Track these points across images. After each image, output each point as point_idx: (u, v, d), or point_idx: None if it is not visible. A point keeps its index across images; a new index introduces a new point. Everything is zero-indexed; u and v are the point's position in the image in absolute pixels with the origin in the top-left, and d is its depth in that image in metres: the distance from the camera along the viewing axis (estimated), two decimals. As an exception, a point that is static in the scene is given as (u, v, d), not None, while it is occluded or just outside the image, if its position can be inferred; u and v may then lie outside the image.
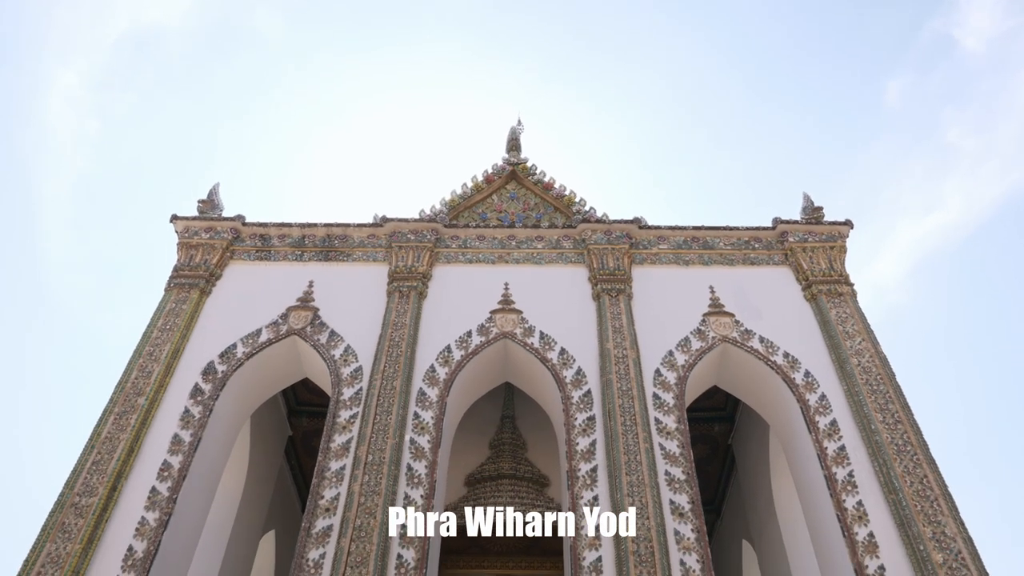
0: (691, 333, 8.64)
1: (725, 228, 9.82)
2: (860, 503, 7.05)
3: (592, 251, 9.48)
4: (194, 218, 9.92)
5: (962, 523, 6.81)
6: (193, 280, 9.25)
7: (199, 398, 8.09)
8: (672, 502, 7.09)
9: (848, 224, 9.67)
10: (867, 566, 6.60)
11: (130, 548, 6.84)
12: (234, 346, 8.60)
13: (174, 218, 9.93)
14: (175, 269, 9.46)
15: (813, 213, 9.88)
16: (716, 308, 8.91)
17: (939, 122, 29.70)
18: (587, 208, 10.21)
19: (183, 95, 30.64)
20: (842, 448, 7.50)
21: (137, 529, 6.97)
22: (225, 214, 10.11)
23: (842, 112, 31.45)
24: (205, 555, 8.87)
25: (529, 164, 11.00)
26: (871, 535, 6.81)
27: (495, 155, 24.55)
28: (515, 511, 9.16)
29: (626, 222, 9.76)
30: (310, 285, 9.26)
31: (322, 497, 7.19)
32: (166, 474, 7.42)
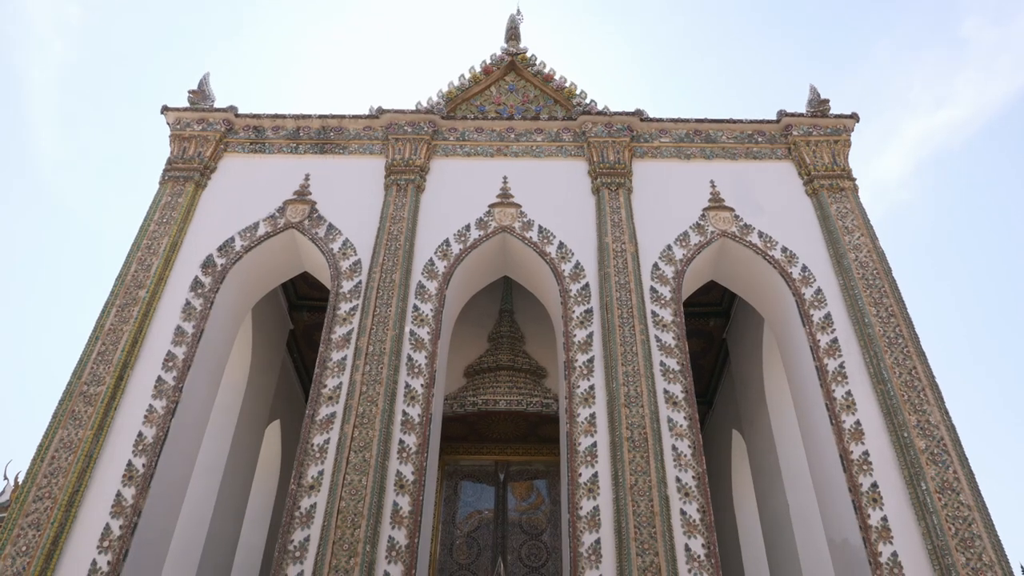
0: (690, 228, 8.62)
1: (728, 121, 9.61)
2: (849, 393, 7.23)
3: (592, 144, 9.32)
4: (186, 109, 9.69)
5: (946, 412, 7.01)
6: (187, 173, 9.14)
7: (199, 291, 8.14)
8: (666, 391, 7.28)
9: (854, 117, 9.47)
10: (852, 452, 6.85)
11: (140, 434, 7.05)
12: (232, 240, 8.59)
13: (165, 109, 9.71)
14: (169, 162, 9.33)
15: (819, 106, 9.64)
16: (716, 203, 8.85)
17: (954, 12, 28.63)
18: (588, 101, 9.96)
19: (167, -20, 29.36)
20: (834, 340, 7.63)
21: (146, 416, 7.17)
22: (217, 105, 9.88)
23: (852, 1, 30.28)
24: (213, 442, 9.18)
25: (529, 55, 10.65)
26: (858, 423, 7.03)
27: (494, 45, 23.73)
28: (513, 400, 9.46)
29: (627, 114, 9.54)
30: (306, 178, 9.15)
31: (325, 386, 7.36)
32: (171, 364, 7.56)
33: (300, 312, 11.62)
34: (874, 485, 6.61)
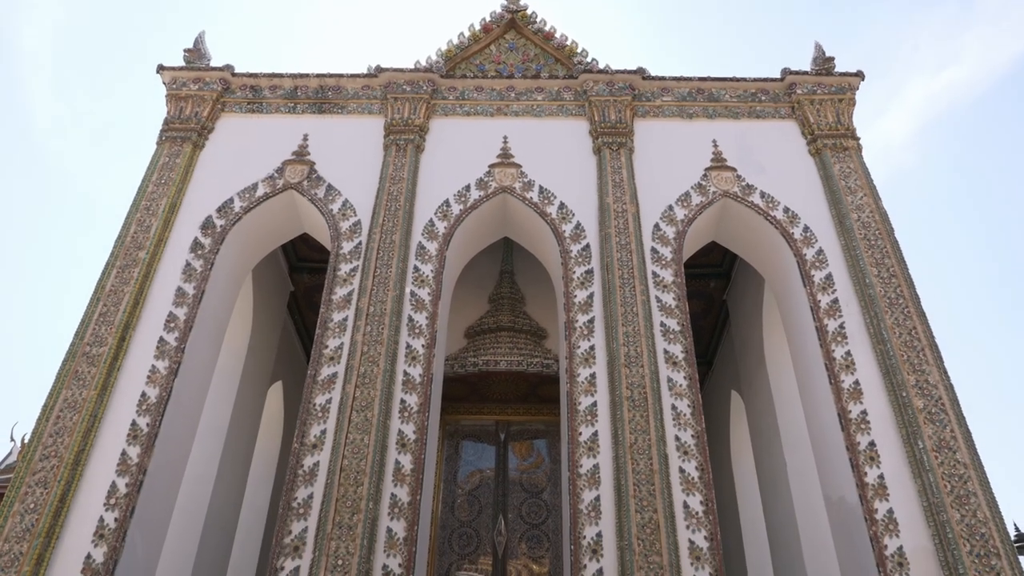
0: (692, 188, 8.57)
1: (732, 79, 9.48)
2: (848, 353, 7.26)
3: (593, 103, 9.21)
4: (182, 68, 9.57)
5: (945, 372, 7.04)
6: (185, 133, 9.05)
7: (199, 252, 8.13)
8: (666, 351, 7.31)
9: (859, 75, 9.34)
10: (850, 411, 6.90)
11: (143, 394, 7.10)
12: (231, 200, 8.55)
13: (160, 68, 9.58)
14: (166, 122, 9.24)
15: (824, 64, 9.50)
16: (718, 163, 8.78)
17: (963, -31, 28.08)
18: (589, 59, 9.81)
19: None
20: (835, 301, 7.64)
21: (149, 376, 7.21)
22: (214, 64, 9.74)
23: (861, -42, 29.67)
24: (216, 402, 9.26)
25: (529, 12, 10.46)
26: (856, 383, 7.06)
27: (493, 2, 23.32)
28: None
29: (629, 72, 9.41)
30: (305, 138, 9.07)
31: (326, 347, 7.39)
32: (172, 325, 7.58)
33: (300, 274, 11.62)
34: (871, 444, 6.68)
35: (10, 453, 13.44)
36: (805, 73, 9.41)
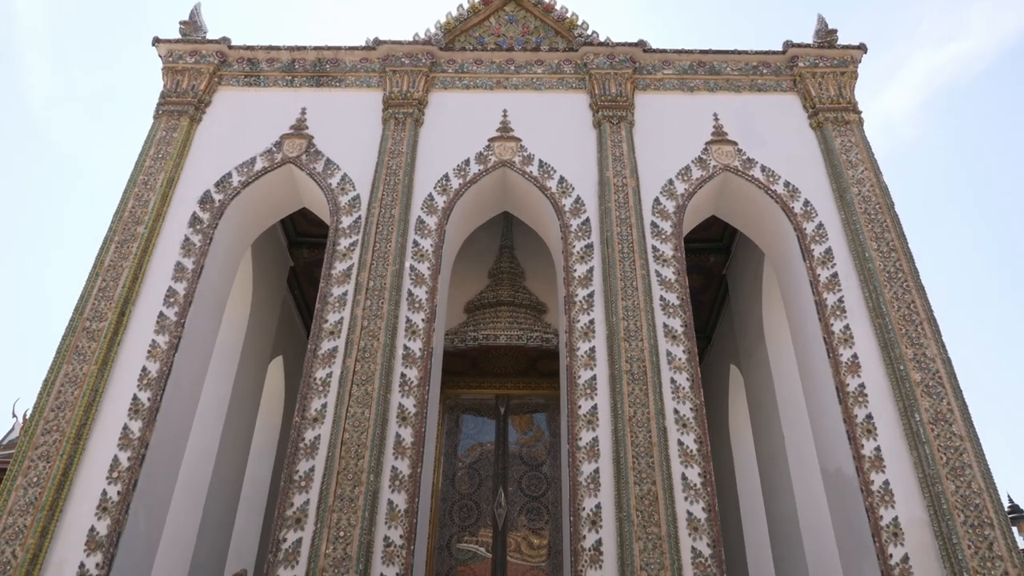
0: (692, 162, 8.53)
1: (733, 52, 9.40)
2: (847, 327, 7.28)
3: (594, 76, 9.14)
4: (177, 41, 9.47)
5: (943, 345, 7.07)
6: (182, 107, 8.99)
7: (198, 226, 8.11)
8: (666, 325, 7.32)
9: (862, 48, 9.26)
10: (848, 384, 6.94)
11: (144, 368, 7.13)
12: (229, 175, 8.51)
13: (156, 41, 9.49)
14: (162, 96, 9.16)
15: (826, 36, 9.42)
16: (719, 136, 8.73)
17: (969, -60, 27.69)
18: (589, 32, 9.71)
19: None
20: (834, 275, 7.64)
21: (149, 351, 7.23)
22: (210, 37, 9.64)
23: (865, -73, 29.26)
24: (217, 377, 9.29)
25: (529, -18, 10.33)
26: (855, 356, 7.09)
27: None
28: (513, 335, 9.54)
29: (630, 45, 9.33)
30: (303, 112, 9.00)
31: (326, 321, 7.41)
32: (172, 300, 7.58)
33: (300, 249, 11.61)
34: (869, 416, 6.72)
35: (12, 429, 13.52)
36: (807, 46, 9.33)
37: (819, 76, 9.13)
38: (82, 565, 6.06)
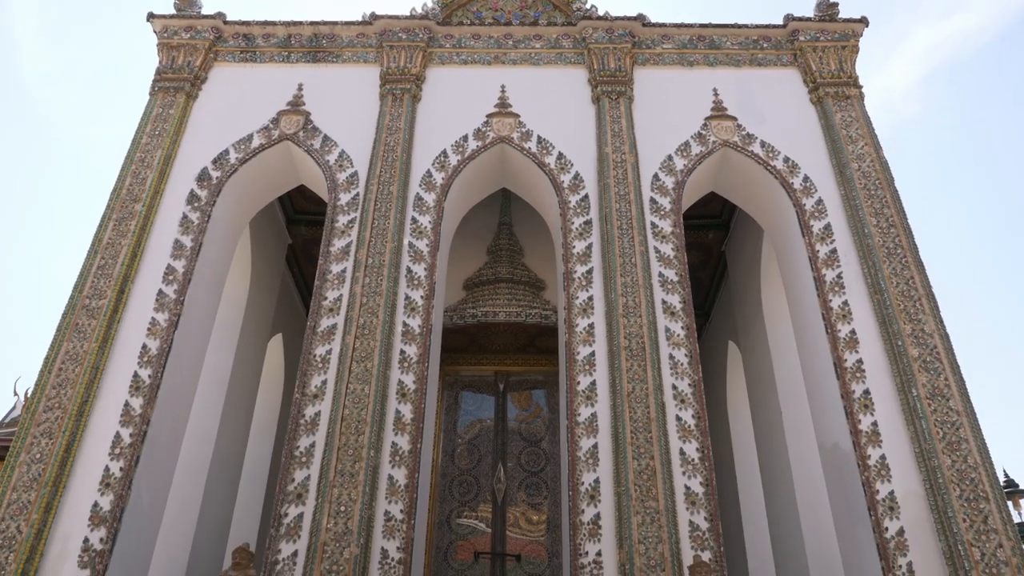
0: (691, 137, 8.49)
1: (733, 26, 9.31)
2: (846, 303, 7.29)
3: (592, 51, 9.06)
4: (172, 16, 9.38)
5: (941, 321, 7.08)
6: (178, 83, 8.92)
7: (196, 204, 8.09)
8: (664, 302, 7.33)
9: (863, 22, 9.18)
10: (846, 360, 6.96)
11: (144, 346, 7.15)
12: (227, 152, 8.47)
13: (151, 16, 9.39)
14: (158, 72, 9.10)
15: (827, 10, 9.33)
16: (719, 112, 8.68)
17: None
18: (588, 6, 9.61)
19: None
20: (833, 251, 7.64)
21: (149, 328, 7.24)
22: (205, 12, 9.55)
23: None
24: (217, 354, 9.32)
25: (527, -45, 10.20)
26: (853, 332, 7.11)
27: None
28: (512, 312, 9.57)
29: (629, 19, 9.24)
30: (299, 88, 8.94)
31: (325, 298, 7.41)
32: (171, 278, 7.58)
33: (298, 227, 11.59)
34: (866, 392, 6.76)
35: (13, 407, 13.58)
36: (808, 19, 9.25)
37: (820, 50, 9.06)
38: (86, 539, 6.13)
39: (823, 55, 9.02)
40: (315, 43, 9.32)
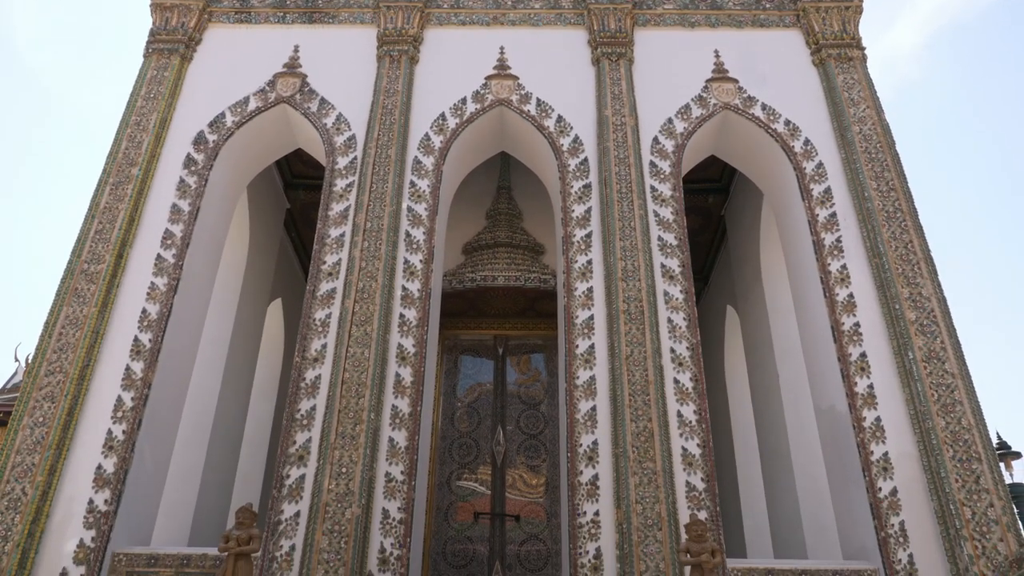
0: (692, 100, 8.41)
1: (735, -14, 9.16)
2: (844, 267, 7.30)
3: (592, 11, 8.93)
4: (164, -25, 9.20)
5: (939, 285, 7.10)
6: (172, 45, 8.80)
7: (193, 168, 8.04)
8: (663, 266, 7.34)
9: (867, -19, 9.03)
10: (843, 323, 7.00)
11: (144, 310, 7.16)
12: (223, 115, 8.39)
13: (143, -25, 9.22)
14: (151, 33, 8.96)
15: (831, -31, 9.17)
16: (720, 74, 8.58)
17: None
18: (588, -36, 9.43)
19: None
20: (833, 215, 7.63)
21: (148, 293, 7.25)
22: (197, -29, 9.36)
23: None
24: (217, 319, 9.35)
25: (526, -88, 9.99)
26: (851, 295, 7.13)
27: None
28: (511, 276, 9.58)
29: (630, -21, 9.08)
30: (296, 50, 8.82)
31: (324, 263, 7.41)
32: (169, 242, 7.57)
33: (296, 191, 11.53)
34: (863, 355, 6.80)
35: (15, 373, 13.66)
36: (812, -22, 9.09)
37: (823, 11, 8.93)
38: (91, 501, 6.21)
39: (826, 16, 8.90)
40: (311, 3, 9.17)
